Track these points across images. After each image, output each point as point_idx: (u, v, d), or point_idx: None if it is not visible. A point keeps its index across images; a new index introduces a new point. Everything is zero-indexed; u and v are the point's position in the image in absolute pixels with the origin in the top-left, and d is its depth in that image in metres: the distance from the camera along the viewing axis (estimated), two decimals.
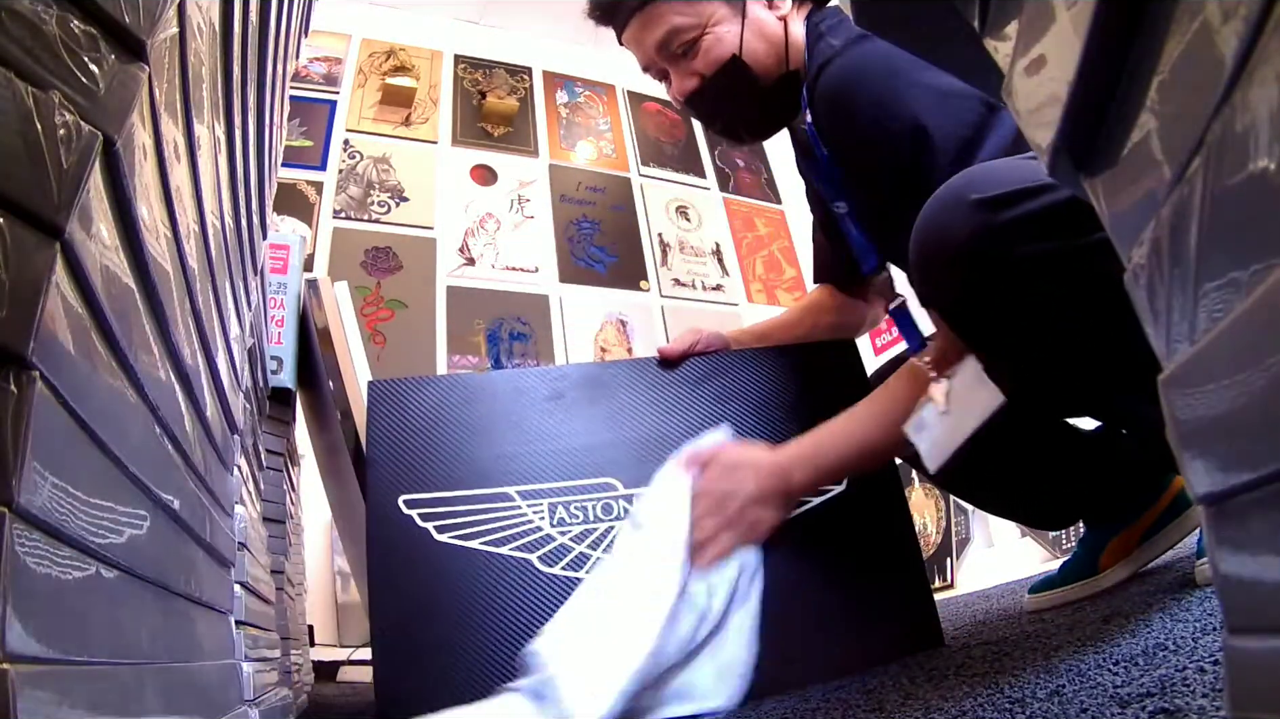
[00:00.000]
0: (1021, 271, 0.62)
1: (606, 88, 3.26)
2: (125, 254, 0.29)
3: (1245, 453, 0.17)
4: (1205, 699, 0.36)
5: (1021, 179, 0.63)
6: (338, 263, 2.41)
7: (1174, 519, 0.93)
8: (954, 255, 0.65)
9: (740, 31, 0.89)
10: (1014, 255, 0.62)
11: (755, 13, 0.90)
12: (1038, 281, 0.62)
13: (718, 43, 0.89)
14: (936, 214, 0.67)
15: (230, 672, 0.51)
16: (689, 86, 0.91)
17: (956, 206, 0.65)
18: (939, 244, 0.67)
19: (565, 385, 0.92)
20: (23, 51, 0.22)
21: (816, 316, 1.13)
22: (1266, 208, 0.15)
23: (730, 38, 0.89)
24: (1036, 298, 0.63)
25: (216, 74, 0.44)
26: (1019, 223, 0.62)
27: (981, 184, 0.64)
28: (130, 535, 0.30)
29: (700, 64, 0.90)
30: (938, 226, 0.67)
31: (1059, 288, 0.62)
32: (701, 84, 0.91)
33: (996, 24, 0.28)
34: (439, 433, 0.87)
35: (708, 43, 0.89)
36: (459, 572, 0.80)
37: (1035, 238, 0.61)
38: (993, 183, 0.64)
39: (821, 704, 0.66)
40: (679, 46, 0.90)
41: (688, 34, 0.89)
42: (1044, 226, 0.61)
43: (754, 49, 0.89)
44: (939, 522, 2.22)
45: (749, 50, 0.89)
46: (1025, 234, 0.62)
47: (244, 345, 0.64)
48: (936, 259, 0.67)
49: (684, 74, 0.91)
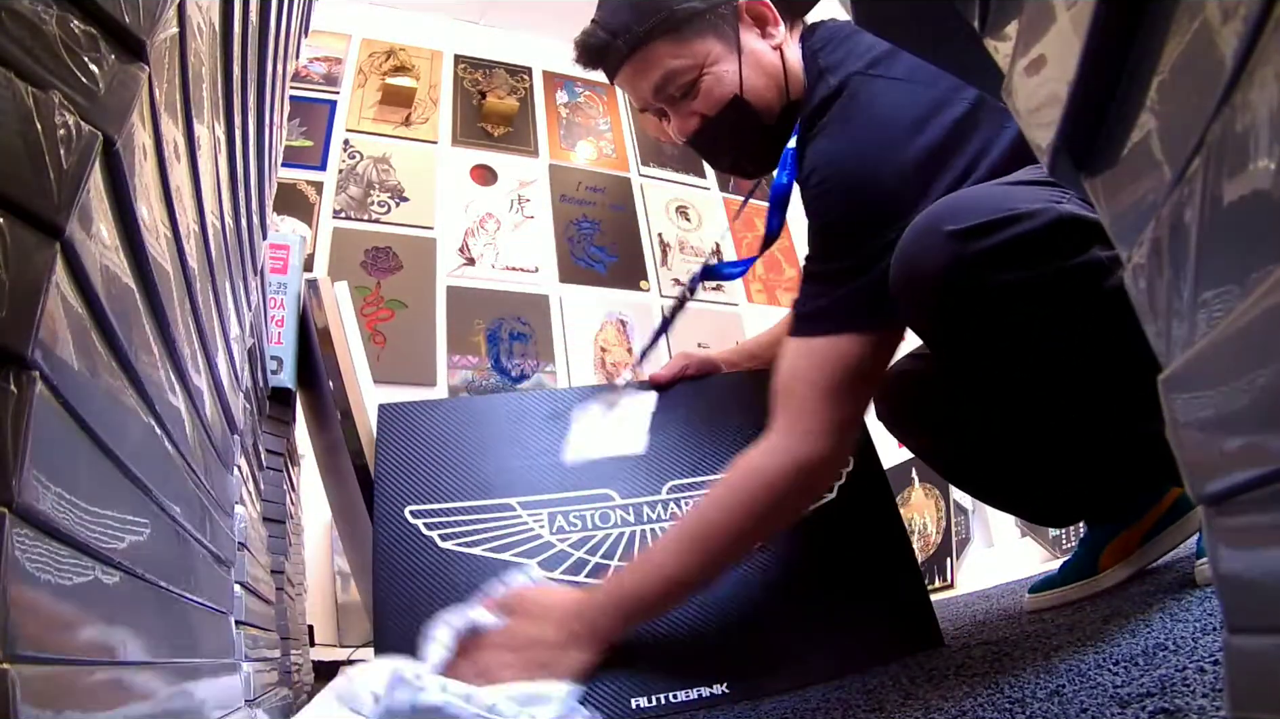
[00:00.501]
0: (996, 299, 0.64)
1: (606, 88, 3.25)
2: (125, 254, 0.29)
3: (1245, 453, 0.17)
4: (1205, 699, 0.36)
5: (996, 209, 0.64)
6: (338, 263, 2.40)
7: (1175, 521, 0.93)
8: (930, 285, 0.66)
9: (739, 69, 0.86)
10: (987, 284, 0.63)
11: (751, 45, 0.87)
12: (1012, 308, 0.64)
13: (718, 83, 0.86)
14: (913, 244, 0.68)
15: (230, 672, 0.51)
16: (690, 127, 0.89)
17: (931, 237, 0.66)
18: (916, 274, 0.68)
19: (563, 406, 0.96)
20: (23, 51, 0.22)
21: None
22: (1266, 208, 0.15)
23: (730, 76, 0.86)
24: (1013, 324, 0.65)
25: (216, 74, 0.44)
26: (991, 253, 0.63)
27: (956, 214, 0.65)
28: (130, 535, 0.30)
29: (701, 105, 0.87)
30: (913, 257, 0.68)
31: (1034, 314, 0.64)
32: (703, 124, 0.88)
33: (996, 24, 0.28)
34: (445, 450, 0.91)
35: (707, 84, 0.86)
36: (461, 576, 0.82)
37: (1008, 267, 0.63)
38: (967, 213, 0.64)
39: (821, 704, 0.66)
40: (677, 89, 0.87)
41: (685, 76, 0.86)
42: (1016, 255, 0.63)
43: (755, 85, 0.87)
44: (939, 522, 2.22)
45: (750, 88, 0.87)
46: (998, 263, 0.63)
47: (244, 345, 0.64)
48: (914, 289, 0.69)
49: (684, 115, 0.89)
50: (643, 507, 0.89)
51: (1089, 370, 0.66)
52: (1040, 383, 0.70)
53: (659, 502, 0.90)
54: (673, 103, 0.89)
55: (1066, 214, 0.62)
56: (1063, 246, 0.62)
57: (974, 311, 0.65)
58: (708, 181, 3.22)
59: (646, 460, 0.92)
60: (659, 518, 0.89)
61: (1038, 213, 0.62)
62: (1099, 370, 0.65)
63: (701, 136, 0.90)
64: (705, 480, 0.91)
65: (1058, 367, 0.67)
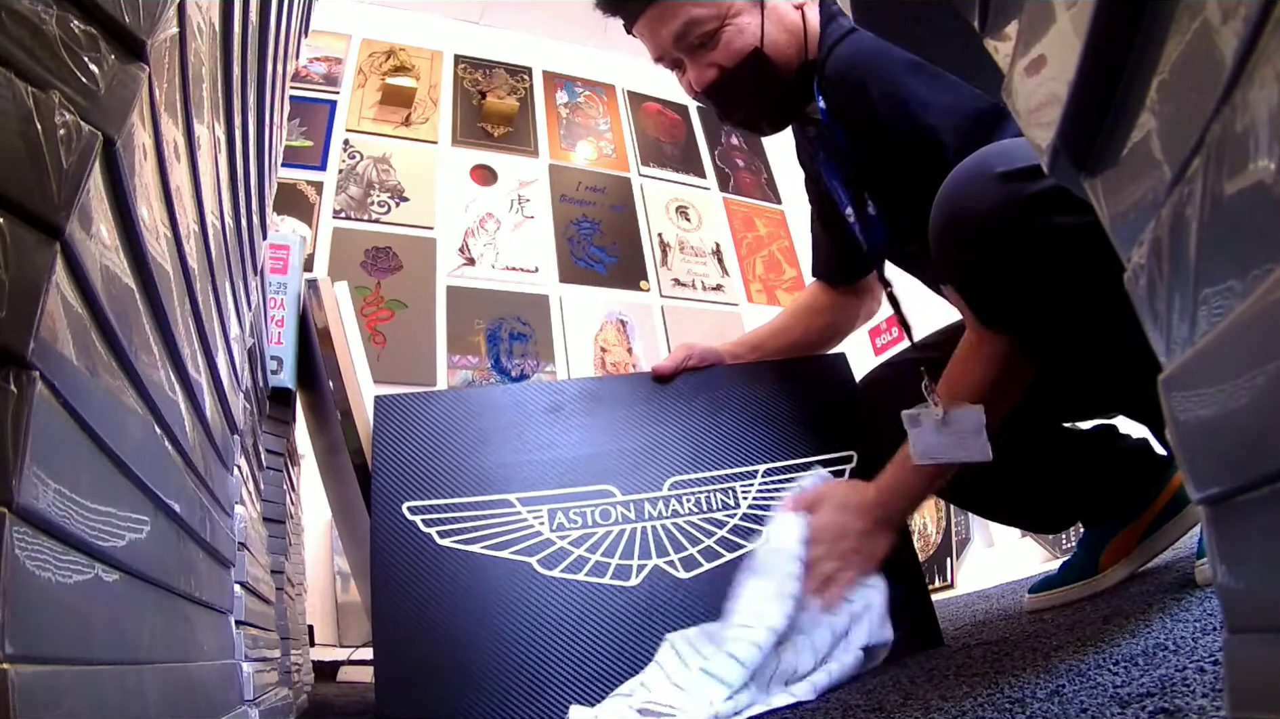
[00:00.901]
0: (1046, 243, 0.62)
1: (606, 88, 3.26)
2: (125, 254, 0.29)
3: (1245, 453, 0.17)
4: (1205, 699, 0.36)
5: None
6: (338, 263, 2.41)
7: (1173, 516, 0.92)
8: (978, 226, 0.65)
9: (761, 23, 0.87)
10: (1039, 227, 0.62)
11: (774, 2, 0.88)
12: (1062, 254, 0.62)
13: (739, 35, 0.87)
14: (960, 186, 0.67)
15: (230, 672, 0.51)
16: (708, 78, 0.89)
17: (981, 179, 0.65)
18: (963, 216, 0.66)
19: (564, 399, 0.94)
20: (23, 51, 0.22)
21: (809, 319, 1.13)
22: (1266, 208, 0.15)
23: (751, 29, 0.87)
24: (1059, 271, 0.63)
25: (216, 74, 0.44)
26: (1044, 195, 0.62)
27: (1005, 158, 0.64)
28: (130, 535, 0.30)
29: (720, 56, 0.87)
30: (962, 198, 0.67)
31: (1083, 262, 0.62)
32: (721, 76, 0.88)
33: (996, 24, 0.28)
34: (442, 444, 0.89)
35: (728, 35, 0.87)
36: (460, 575, 0.82)
37: (1060, 211, 0.61)
38: (1017, 157, 0.64)
39: (821, 704, 0.66)
40: (697, 38, 0.87)
41: (706, 25, 0.86)
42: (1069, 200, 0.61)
43: (775, 40, 0.87)
44: (939, 522, 2.22)
45: (770, 42, 0.87)
46: (1051, 206, 0.62)
47: (244, 345, 0.64)
48: (960, 231, 0.67)
49: (701, 65, 0.89)
50: (644, 503, 0.88)
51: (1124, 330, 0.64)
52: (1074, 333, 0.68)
53: (661, 498, 0.89)
54: (691, 52, 0.89)
55: None
56: None
57: (1022, 255, 0.64)
58: (708, 182, 3.22)
59: (648, 455, 0.91)
60: (660, 514, 0.88)
61: None
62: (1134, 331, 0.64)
63: (717, 88, 0.89)
64: (708, 476, 0.91)
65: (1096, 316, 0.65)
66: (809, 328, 1.12)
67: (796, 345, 1.11)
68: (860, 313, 1.15)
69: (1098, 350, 0.69)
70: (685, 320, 2.76)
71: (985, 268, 0.69)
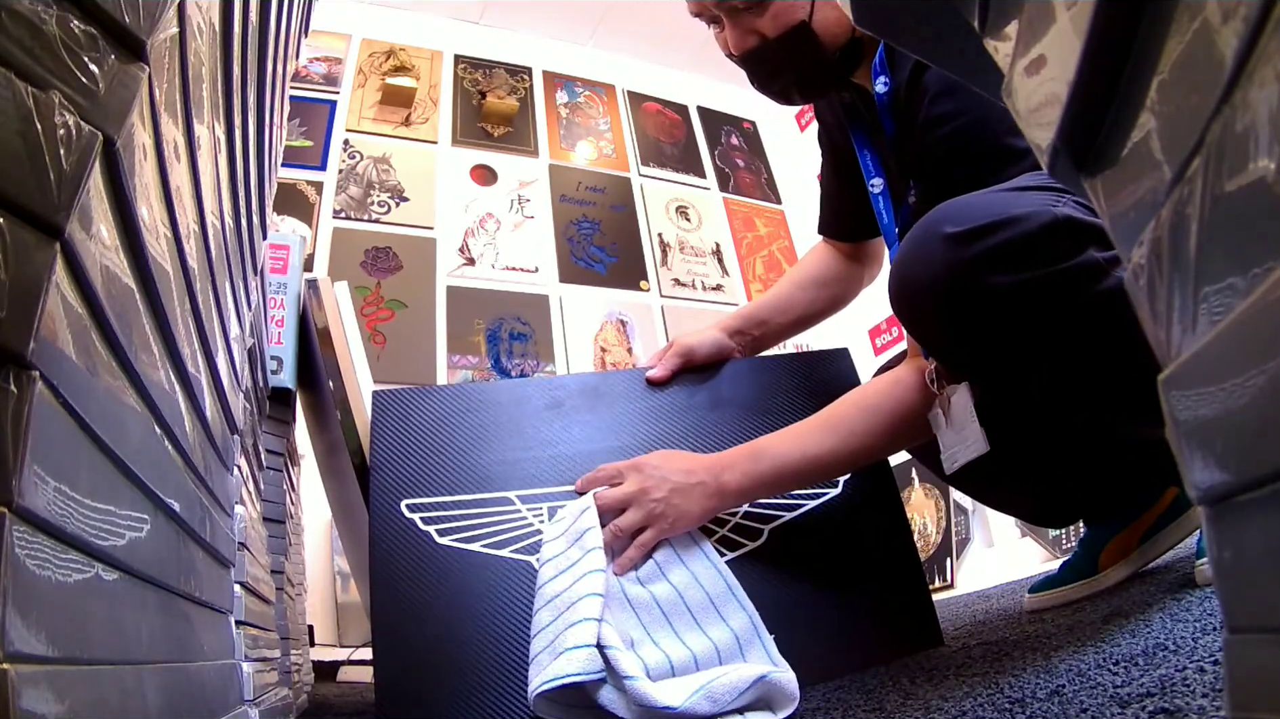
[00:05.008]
0: (993, 301, 0.64)
1: (606, 88, 3.25)
2: (125, 254, 0.29)
3: (1245, 453, 0.17)
4: (1205, 699, 0.36)
5: (996, 211, 0.64)
6: (338, 263, 2.40)
7: (1175, 519, 0.93)
8: (929, 289, 0.67)
9: None
10: (986, 286, 0.63)
11: None
12: (1009, 310, 0.64)
13: (789, 7, 0.85)
14: (912, 249, 0.68)
15: (230, 672, 0.51)
16: (748, 44, 0.87)
17: (930, 241, 0.66)
18: (910, 280, 0.68)
19: (564, 394, 0.93)
20: (23, 51, 0.22)
21: (814, 292, 1.12)
22: (1267, 208, 0.15)
23: (801, 1, 0.85)
24: (1010, 326, 0.65)
25: (216, 74, 0.44)
26: (990, 254, 0.63)
27: (958, 217, 0.65)
28: (130, 535, 0.30)
29: (766, 25, 0.86)
30: (910, 262, 0.68)
31: (1031, 316, 0.64)
32: (761, 44, 0.87)
33: (996, 24, 0.28)
34: (441, 440, 0.88)
35: (778, 6, 0.85)
36: (459, 574, 0.81)
37: (1004, 269, 0.63)
38: (966, 216, 0.65)
39: (821, 704, 0.66)
40: (743, 1, 0.85)
41: None
42: (1012, 257, 0.63)
43: (824, 16, 0.86)
44: (939, 522, 2.22)
45: (819, 18, 0.85)
46: (994, 265, 0.63)
47: (244, 345, 0.64)
48: (911, 298, 0.69)
49: (743, 29, 0.87)
50: None
51: (1087, 372, 0.66)
52: (1039, 386, 0.70)
53: None
54: (734, 14, 0.87)
55: (1062, 216, 0.62)
56: (1058, 248, 0.62)
57: (972, 314, 0.65)
58: (708, 182, 3.22)
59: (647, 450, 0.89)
60: None
61: (1033, 215, 0.62)
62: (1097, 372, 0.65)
63: (757, 56, 0.88)
64: None
65: (1056, 369, 0.67)
66: (814, 300, 1.12)
67: (801, 320, 1.11)
68: (864, 278, 1.15)
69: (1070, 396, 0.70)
70: (685, 320, 2.76)
71: (936, 330, 0.70)
